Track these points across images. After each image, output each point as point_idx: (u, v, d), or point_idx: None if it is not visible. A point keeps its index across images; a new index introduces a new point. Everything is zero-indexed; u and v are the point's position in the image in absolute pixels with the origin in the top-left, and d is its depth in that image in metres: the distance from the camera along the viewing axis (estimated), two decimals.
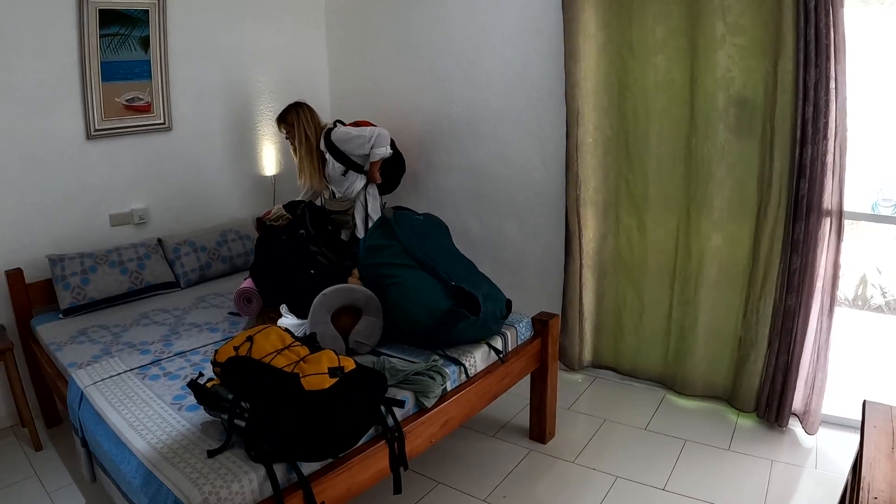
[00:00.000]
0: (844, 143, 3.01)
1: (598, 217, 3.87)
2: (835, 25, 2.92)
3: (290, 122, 3.98)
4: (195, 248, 4.11)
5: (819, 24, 2.92)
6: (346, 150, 3.98)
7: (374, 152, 3.95)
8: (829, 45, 2.93)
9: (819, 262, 3.17)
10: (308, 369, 2.13)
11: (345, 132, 3.98)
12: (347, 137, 3.97)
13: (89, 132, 3.81)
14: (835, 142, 3.02)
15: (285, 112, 4.00)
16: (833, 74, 2.96)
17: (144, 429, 2.33)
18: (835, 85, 2.96)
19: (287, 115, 3.99)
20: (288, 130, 4.00)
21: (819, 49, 2.94)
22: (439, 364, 2.67)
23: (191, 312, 3.56)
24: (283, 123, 4.01)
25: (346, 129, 4.00)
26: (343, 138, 3.97)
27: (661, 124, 3.54)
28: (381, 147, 3.95)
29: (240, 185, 4.70)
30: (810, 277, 3.18)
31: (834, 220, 3.09)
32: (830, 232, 3.12)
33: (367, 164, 4.02)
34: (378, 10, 4.69)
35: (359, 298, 2.86)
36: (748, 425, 3.45)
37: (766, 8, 3.10)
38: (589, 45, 3.63)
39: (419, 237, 3.05)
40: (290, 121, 3.98)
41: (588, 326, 4.03)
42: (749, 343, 3.44)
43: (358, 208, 4.10)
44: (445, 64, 4.39)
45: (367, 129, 3.98)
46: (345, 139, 3.97)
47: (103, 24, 3.75)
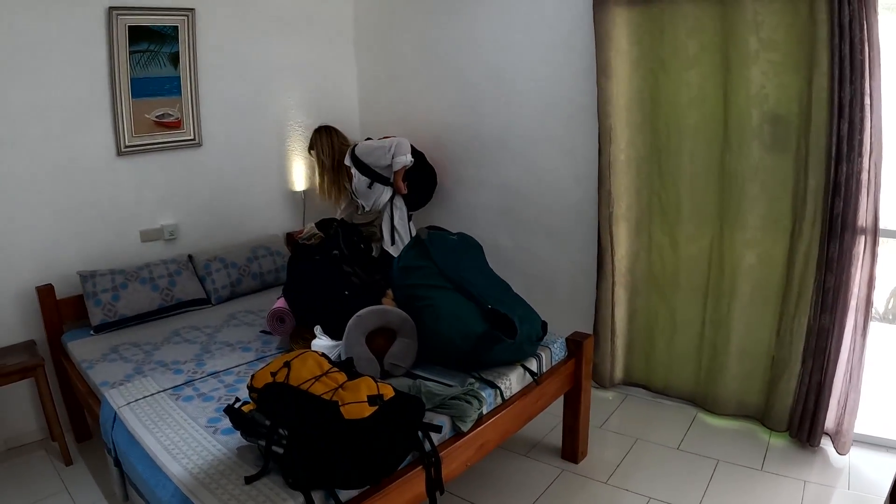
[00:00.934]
0: (880, 160, 2.97)
1: (631, 234, 3.84)
2: (869, 41, 2.88)
3: (314, 145, 4.23)
4: (226, 264, 4.11)
5: (854, 40, 2.88)
6: (370, 162, 4.06)
7: (395, 161, 4.01)
8: (864, 61, 2.88)
9: (853, 281, 3.11)
10: (347, 397, 2.11)
11: (366, 145, 4.08)
12: (370, 150, 4.07)
13: (119, 148, 3.83)
14: (870, 159, 2.98)
15: (312, 137, 4.27)
16: (868, 90, 2.91)
17: (180, 452, 2.32)
18: (870, 101, 2.92)
19: (312, 139, 4.26)
20: (313, 154, 4.27)
21: (854, 65, 2.90)
22: (475, 387, 2.64)
23: (222, 330, 3.56)
24: (310, 149, 4.37)
25: (368, 142, 4.10)
26: (366, 151, 4.07)
27: (695, 141, 3.50)
28: (401, 155, 4.01)
29: (269, 201, 4.71)
30: (844, 296, 3.12)
31: (868, 238, 3.04)
32: (865, 250, 3.07)
33: (391, 175, 4.05)
34: (407, 25, 4.69)
35: (393, 320, 2.84)
36: (780, 445, 3.40)
37: (800, 23, 3.06)
38: (621, 60, 3.60)
39: (454, 258, 3.03)
40: (313, 145, 4.23)
41: (620, 344, 3.99)
42: (782, 362, 3.38)
43: (384, 220, 4.14)
44: (476, 80, 4.37)
45: (387, 140, 4.06)
46: (367, 152, 4.07)
47: (133, 40, 3.77)
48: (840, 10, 2.87)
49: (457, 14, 4.37)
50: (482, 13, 4.23)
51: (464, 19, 4.34)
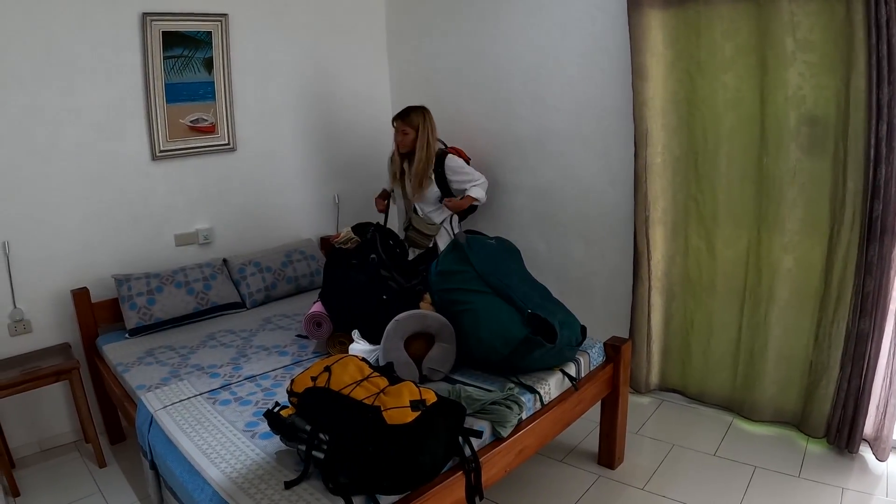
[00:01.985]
0: None
1: (667, 238, 3.80)
2: None
3: (414, 123, 3.89)
4: (260, 268, 4.13)
5: (891, 40, 2.83)
6: (452, 179, 4.00)
7: (473, 190, 3.98)
8: None
9: (892, 285, 3.07)
10: (389, 402, 2.10)
11: (460, 165, 4.01)
12: (461, 170, 4.01)
13: (154, 153, 3.87)
14: None
15: (410, 111, 3.91)
16: None
17: (218, 456, 2.32)
18: None
19: (413, 115, 3.90)
20: (406, 131, 3.90)
21: (892, 65, 2.85)
22: (515, 392, 2.62)
23: (258, 334, 3.57)
24: (404, 122, 3.90)
25: (461, 161, 4.04)
26: (456, 169, 4.00)
27: (731, 143, 3.46)
28: (479, 192, 4.01)
29: (304, 205, 4.72)
30: (884, 300, 3.07)
31: None
32: None
33: (460, 196, 4.01)
34: (440, 28, 4.68)
35: (432, 325, 2.83)
36: (818, 451, 3.35)
37: (836, 23, 3.01)
38: (656, 62, 3.57)
39: (493, 262, 3.01)
40: (414, 122, 3.89)
41: (656, 349, 3.95)
42: (820, 367, 3.33)
43: (443, 234, 4.09)
44: (510, 83, 4.35)
45: (477, 173, 4.05)
46: (458, 170, 4.00)
47: (167, 46, 3.80)
48: (877, 10, 2.83)
49: (490, 17, 4.36)
50: (516, 16, 4.22)
51: (497, 22, 4.32)
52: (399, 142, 3.93)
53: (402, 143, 3.92)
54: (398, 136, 3.92)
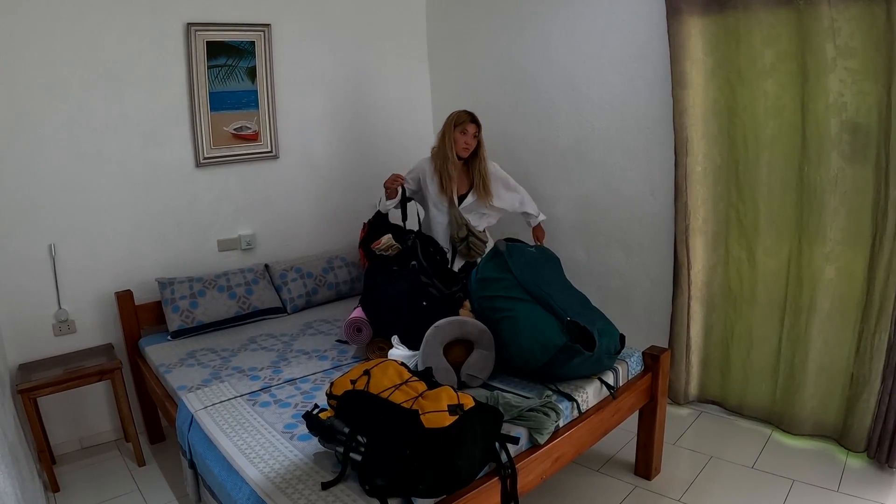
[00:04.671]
0: None
1: (708, 248, 3.77)
2: None
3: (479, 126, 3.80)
4: (301, 274, 4.18)
5: None
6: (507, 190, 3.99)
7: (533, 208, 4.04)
8: None
9: None
10: (427, 406, 2.11)
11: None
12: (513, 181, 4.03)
13: (198, 160, 3.95)
14: None
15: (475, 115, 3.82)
16: None
17: (256, 456, 2.35)
18: None
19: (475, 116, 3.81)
20: (476, 134, 3.78)
21: None
22: (553, 400, 2.62)
23: (298, 339, 3.61)
24: (478, 125, 3.79)
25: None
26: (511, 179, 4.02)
27: (772, 152, 3.42)
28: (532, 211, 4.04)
29: (344, 213, 4.75)
30: None
31: None
32: None
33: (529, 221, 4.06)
34: (481, 37, 4.71)
35: (471, 332, 2.84)
36: (858, 466, 3.29)
37: (877, 29, 2.96)
38: (696, 70, 3.55)
39: (533, 270, 3.01)
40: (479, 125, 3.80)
41: (695, 360, 3.91)
42: (862, 380, 3.26)
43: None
44: (550, 92, 4.37)
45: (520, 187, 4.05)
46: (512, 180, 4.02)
47: (211, 55, 3.89)
48: None
49: (529, 25, 4.37)
50: (555, 24, 4.23)
51: (537, 30, 4.33)
52: (468, 145, 3.76)
53: (471, 146, 3.77)
54: (469, 139, 3.74)
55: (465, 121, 3.75)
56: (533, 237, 4.06)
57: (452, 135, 3.75)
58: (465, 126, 3.74)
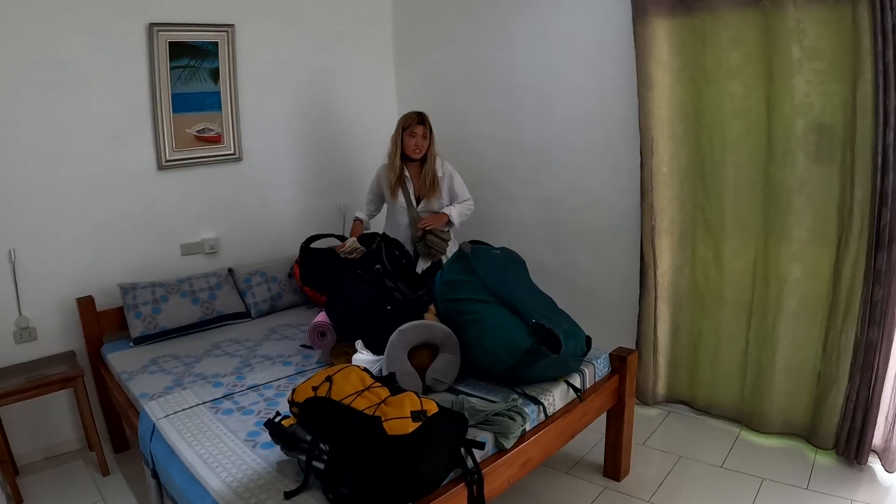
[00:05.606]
0: None
1: (674, 248, 3.78)
2: None
3: (429, 126, 3.89)
4: (266, 278, 4.13)
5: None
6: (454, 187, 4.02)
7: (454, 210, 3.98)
8: None
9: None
10: (390, 412, 2.08)
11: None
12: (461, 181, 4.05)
13: (160, 163, 3.87)
14: None
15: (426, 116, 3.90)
16: None
17: (219, 466, 2.31)
18: None
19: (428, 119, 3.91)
20: (426, 135, 3.86)
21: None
22: (519, 403, 2.60)
23: (262, 344, 3.55)
24: (427, 127, 3.88)
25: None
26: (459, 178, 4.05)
27: (738, 152, 3.44)
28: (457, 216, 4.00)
29: (310, 215, 4.71)
30: (892, 309, 3.05)
31: None
32: None
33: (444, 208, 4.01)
34: (447, 38, 4.69)
35: (437, 335, 2.81)
36: (826, 463, 3.32)
37: (843, 31, 3.00)
38: (662, 71, 3.56)
39: (498, 272, 2.99)
40: (429, 125, 3.89)
41: (662, 360, 3.92)
42: (829, 378, 3.30)
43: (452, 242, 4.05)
44: (516, 93, 4.36)
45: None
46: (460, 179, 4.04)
47: (173, 56, 3.82)
48: (883, 17, 2.83)
49: (496, 27, 4.36)
50: (521, 25, 4.22)
51: (503, 32, 4.33)
52: (419, 146, 3.84)
53: (421, 147, 3.86)
54: (418, 140, 3.84)
55: (413, 123, 3.84)
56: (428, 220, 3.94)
57: (401, 137, 3.84)
58: (413, 128, 3.83)
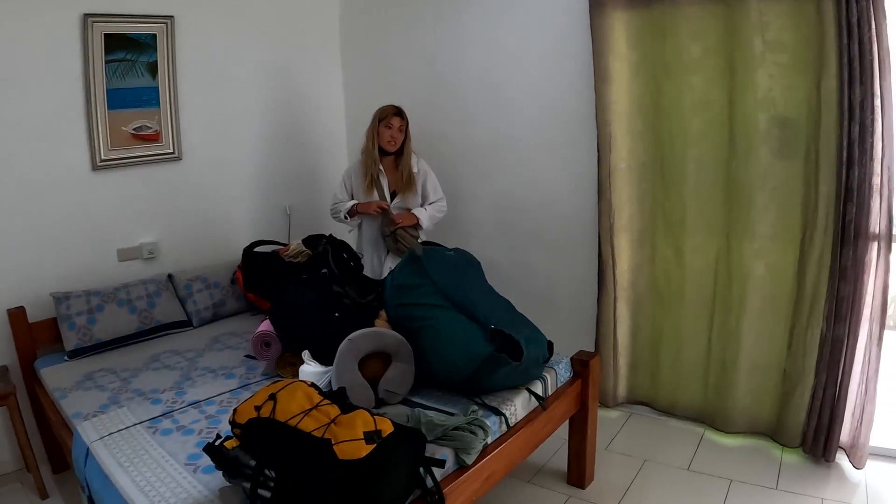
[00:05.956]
0: (892, 163, 2.92)
1: (633, 246, 3.72)
2: (879, 40, 2.83)
3: (406, 120, 3.81)
4: (208, 284, 3.92)
5: (863, 40, 2.84)
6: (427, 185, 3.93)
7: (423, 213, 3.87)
8: (874, 62, 2.85)
9: (867, 289, 3.05)
10: (341, 434, 1.91)
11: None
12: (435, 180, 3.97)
13: (95, 163, 3.66)
14: (882, 163, 2.94)
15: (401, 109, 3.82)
16: (878, 92, 2.88)
17: (157, 494, 2.12)
18: (880, 103, 2.88)
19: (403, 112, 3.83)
20: (402, 128, 3.78)
21: (864, 66, 2.87)
22: (479, 415, 2.45)
23: (204, 355, 3.35)
24: (404, 119, 3.81)
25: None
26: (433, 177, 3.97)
27: (699, 148, 3.40)
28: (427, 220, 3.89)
29: (254, 217, 4.51)
30: (858, 305, 3.05)
31: (883, 244, 2.99)
32: (879, 257, 3.01)
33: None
34: (396, 31, 4.54)
35: (389, 344, 2.65)
36: (793, 461, 3.30)
37: (807, 23, 2.99)
38: (620, 65, 3.49)
39: (453, 275, 2.85)
40: (405, 119, 3.81)
41: (623, 361, 3.85)
42: (795, 376, 3.28)
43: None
44: (469, 89, 4.24)
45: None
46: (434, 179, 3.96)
47: (109, 49, 3.61)
48: (848, 10, 2.83)
49: (448, 19, 4.24)
50: (474, 18, 4.11)
51: (455, 25, 4.21)
52: (394, 138, 3.76)
53: (397, 140, 3.77)
54: (394, 132, 3.75)
55: (389, 114, 3.75)
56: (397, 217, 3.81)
57: (377, 129, 3.74)
58: (389, 120, 3.73)
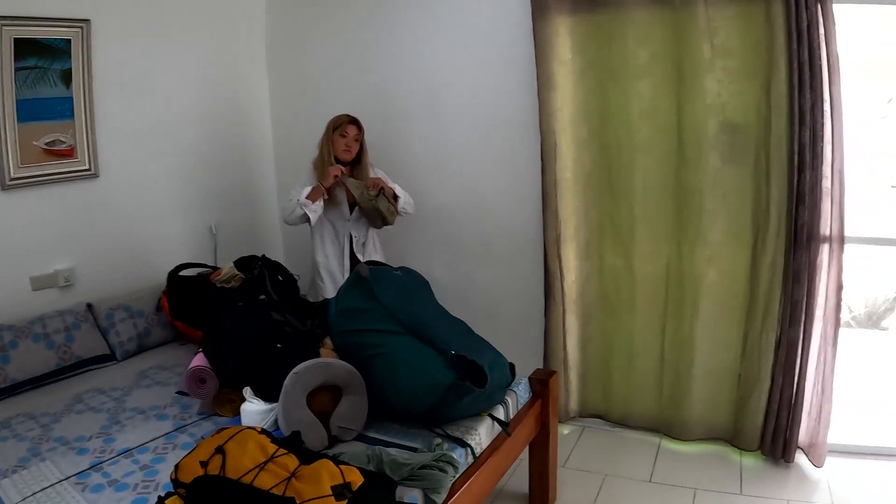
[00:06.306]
0: (843, 166, 2.97)
1: (581, 257, 3.65)
2: (828, 45, 2.87)
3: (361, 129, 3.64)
4: (131, 313, 3.59)
5: (813, 45, 2.86)
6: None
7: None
8: (823, 66, 2.89)
9: (821, 291, 3.11)
10: (306, 491, 1.70)
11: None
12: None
13: (4, 182, 3.31)
14: (832, 166, 2.98)
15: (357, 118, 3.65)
16: (828, 97, 2.92)
17: None
18: (830, 107, 2.92)
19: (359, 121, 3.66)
20: (358, 137, 3.61)
21: (814, 70, 2.90)
22: (445, 450, 2.27)
23: (132, 393, 3.04)
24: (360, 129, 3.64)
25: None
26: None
27: (647, 155, 3.37)
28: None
29: (179, 238, 4.17)
30: (812, 307, 3.10)
31: (835, 245, 3.02)
32: (832, 258, 3.04)
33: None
34: (327, 37, 4.30)
35: (339, 375, 2.44)
36: (753, 464, 3.33)
37: (756, 29, 3.01)
38: (565, 71, 3.42)
39: (403, 297, 2.68)
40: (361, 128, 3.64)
41: (573, 375, 3.76)
42: (751, 380, 3.31)
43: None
44: (406, 96, 4.07)
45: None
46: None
47: (19, 56, 3.31)
48: (798, 16, 2.85)
49: (382, 24, 4.06)
50: (411, 23, 3.95)
51: (391, 30, 4.03)
52: (350, 147, 3.58)
53: (352, 149, 3.59)
54: (349, 141, 3.57)
55: (344, 123, 3.59)
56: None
57: (332, 138, 3.58)
58: (344, 128, 3.58)
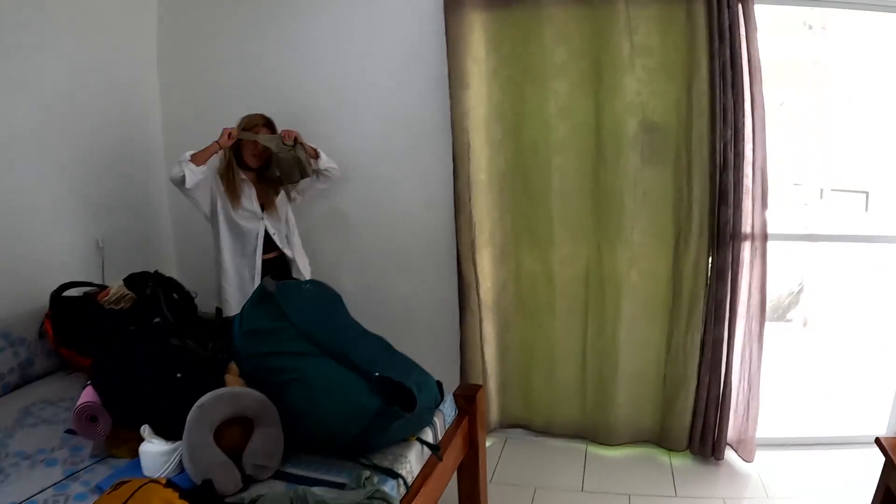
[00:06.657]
0: (764, 164, 3.01)
1: (497, 262, 3.54)
2: (749, 45, 2.91)
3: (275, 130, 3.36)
4: (10, 341, 3.15)
5: (734, 45, 2.90)
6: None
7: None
8: (744, 66, 2.92)
9: (745, 288, 3.16)
10: None
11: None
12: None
13: None
14: (754, 165, 3.02)
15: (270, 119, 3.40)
16: (750, 96, 2.95)
17: None
18: (751, 106, 2.96)
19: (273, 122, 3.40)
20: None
21: (735, 70, 2.93)
22: (376, 483, 2.06)
23: (15, 435, 2.63)
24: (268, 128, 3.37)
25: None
26: None
27: (565, 155, 3.30)
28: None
29: (62, 254, 3.74)
30: (736, 305, 3.15)
31: (758, 243, 3.07)
32: (755, 256, 3.09)
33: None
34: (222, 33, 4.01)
35: (249, 406, 2.18)
36: (683, 464, 3.37)
37: (677, 27, 3.02)
38: (478, 69, 3.30)
39: (316, 314, 2.45)
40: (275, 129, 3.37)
41: (492, 385, 3.65)
42: (677, 380, 3.32)
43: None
44: (308, 96, 3.83)
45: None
46: None
47: None
48: (720, 15, 2.87)
49: (283, 21, 3.81)
50: (315, 19, 3.73)
51: (292, 27, 3.79)
52: (261, 153, 3.32)
53: (263, 155, 3.33)
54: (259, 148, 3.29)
55: (257, 124, 3.31)
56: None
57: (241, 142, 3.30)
58: (256, 130, 3.30)
